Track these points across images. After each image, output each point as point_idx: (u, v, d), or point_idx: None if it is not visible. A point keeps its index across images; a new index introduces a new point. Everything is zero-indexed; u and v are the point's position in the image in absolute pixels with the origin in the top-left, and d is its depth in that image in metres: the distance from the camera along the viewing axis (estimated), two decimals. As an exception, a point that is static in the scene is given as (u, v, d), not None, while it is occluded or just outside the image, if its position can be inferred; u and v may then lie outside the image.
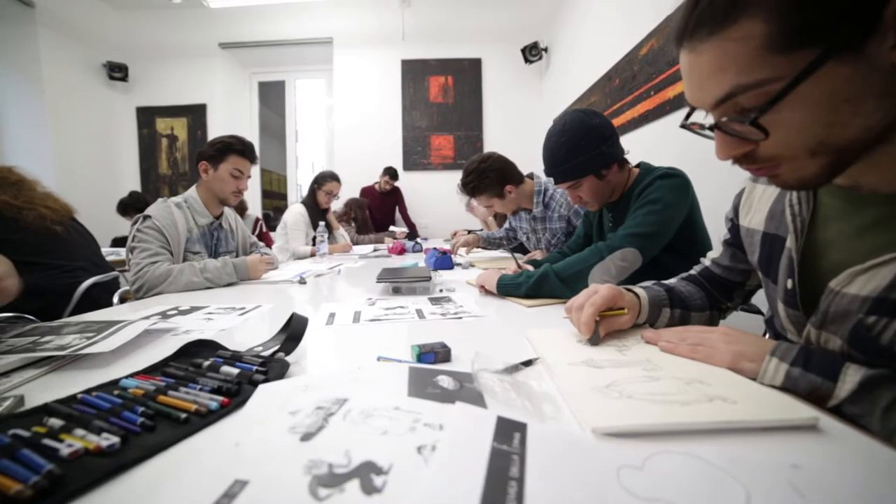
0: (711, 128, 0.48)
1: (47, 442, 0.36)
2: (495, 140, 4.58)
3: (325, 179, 2.77)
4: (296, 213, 2.63)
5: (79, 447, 0.35)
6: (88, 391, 0.49)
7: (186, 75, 4.61)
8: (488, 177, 1.66)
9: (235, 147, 1.57)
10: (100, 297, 2.03)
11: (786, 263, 0.58)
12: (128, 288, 1.66)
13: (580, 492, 0.30)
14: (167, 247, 1.43)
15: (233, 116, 4.83)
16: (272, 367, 0.54)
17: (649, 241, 1.03)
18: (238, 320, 0.87)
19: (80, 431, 0.38)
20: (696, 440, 0.38)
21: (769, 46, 0.40)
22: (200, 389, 0.48)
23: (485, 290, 1.09)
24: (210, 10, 4.33)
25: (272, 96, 5.32)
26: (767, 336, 0.77)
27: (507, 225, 2.13)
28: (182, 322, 0.86)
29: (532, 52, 4.23)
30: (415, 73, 4.53)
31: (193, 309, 0.99)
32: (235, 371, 0.52)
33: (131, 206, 3.16)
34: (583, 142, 1.10)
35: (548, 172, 1.20)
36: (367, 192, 4.15)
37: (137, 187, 4.60)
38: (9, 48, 3.69)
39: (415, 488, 0.29)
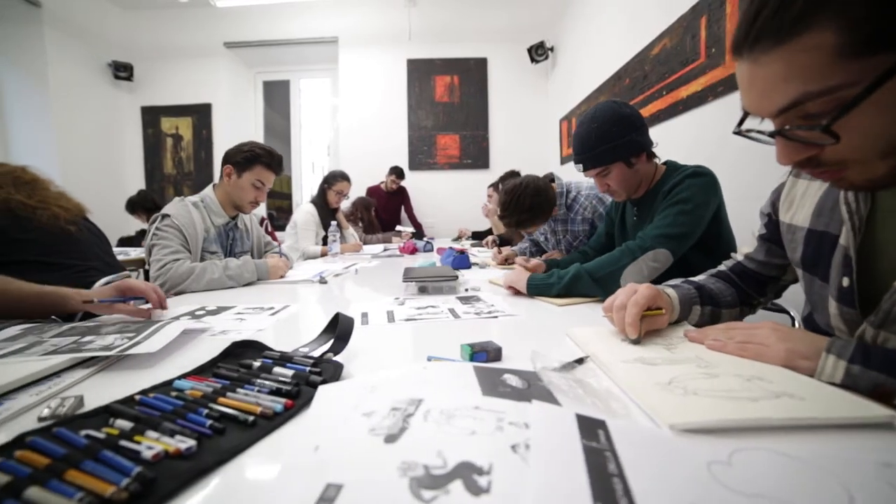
0: (772, 134, 0.47)
1: (125, 444, 0.35)
2: (501, 140, 4.57)
3: (336, 179, 2.76)
4: (306, 212, 2.62)
5: (159, 449, 0.34)
6: (144, 392, 0.48)
7: (191, 75, 4.60)
8: (532, 212, 1.63)
9: (264, 159, 1.55)
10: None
11: (840, 261, 0.57)
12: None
13: (681, 487, 0.30)
14: (186, 245, 1.42)
15: (238, 116, 4.82)
16: (326, 369, 0.53)
17: (680, 242, 1.04)
18: (271, 320, 0.87)
19: (152, 433, 0.37)
20: (774, 437, 0.38)
21: (841, 54, 0.39)
22: (258, 391, 0.47)
23: (514, 290, 1.09)
24: (215, 9, 4.32)
25: (276, 96, 5.31)
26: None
27: (524, 241, 2.12)
28: (214, 322, 0.86)
29: (538, 52, 4.23)
30: (420, 72, 4.52)
31: (221, 309, 0.99)
32: (289, 372, 0.51)
33: (139, 204, 3.15)
34: (613, 128, 1.11)
35: (577, 159, 1.20)
36: (373, 191, 4.14)
37: (142, 187, 4.58)
38: (15, 48, 3.68)
39: (523, 487, 0.29)
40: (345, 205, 3.55)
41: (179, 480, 0.31)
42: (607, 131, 1.12)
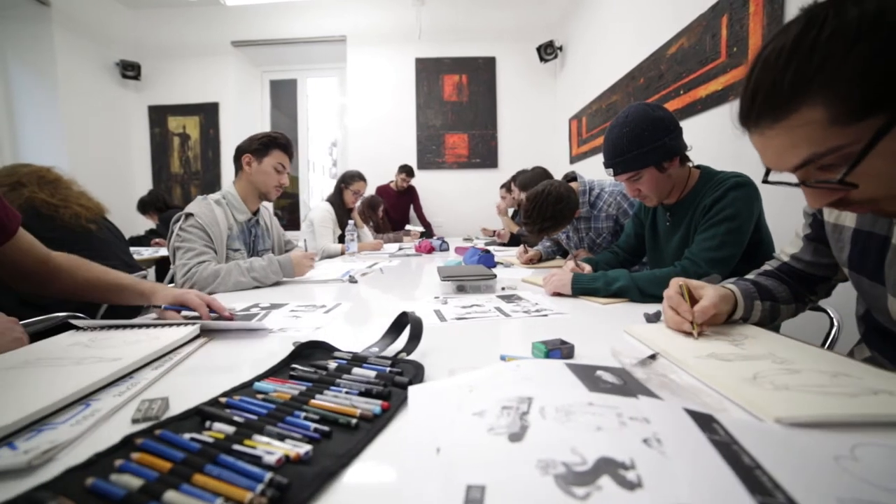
0: (797, 185, 0.52)
1: (239, 448, 0.35)
2: (510, 139, 4.56)
3: (353, 179, 2.76)
4: (323, 210, 2.61)
5: (281, 455, 0.33)
6: (228, 394, 0.47)
7: (199, 74, 4.58)
8: (566, 217, 1.62)
9: (280, 141, 1.57)
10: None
11: (894, 260, 0.58)
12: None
13: (821, 479, 0.31)
14: (211, 245, 1.41)
15: (245, 115, 4.80)
16: (406, 369, 0.52)
17: (731, 263, 1.04)
18: (326, 318, 0.87)
19: (260, 437, 0.37)
20: (886, 432, 0.39)
21: (834, 122, 0.44)
22: (347, 393, 0.46)
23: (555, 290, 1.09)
24: (223, 8, 4.32)
25: (283, 95, 5.29)
26: (863, 332, 0.77)
27: (545, 240, 2.11)
28: (271, 318, 0.87)
29: (547, 51, 4.22)
30: (429, 71, 4.51)
31: (275, 306, 1.00)
32: (371, 373, 0.51)
33: (151, 204, 3.14)
34: (645, 132, 1.09)
35: (608, 164, 1.18)
36: (382, 190, 4.13)
37: (149, 186, 4.56)
38: (26, 48, 3.67)
39: (675, 480, 0.29)
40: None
41: (312, 486, 0.31)
42: (639, 135, 1.09)
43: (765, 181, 0.56)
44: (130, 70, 4.35)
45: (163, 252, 3.07)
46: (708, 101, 2.10)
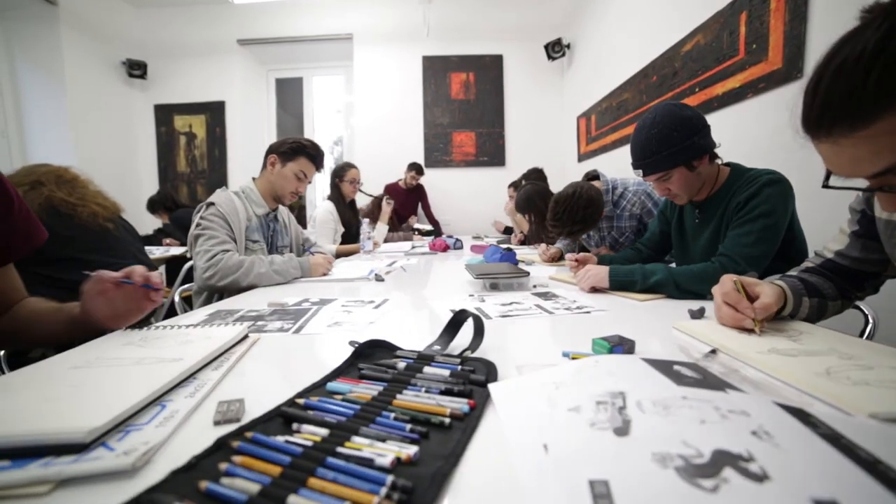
0: (871, 189, 0.52)
1: (344, 451, 0.34)
2: (517, 137, 4.56)
3: (344, 170, 2.74)
4: (325, 210, 2.60)
5: (393, 457, 0.33)
6: (302, 395, 0.47)
7: (205, 72, 4.56)
8: (594, 220, 1.61)
9: (308, 150, 1.58)
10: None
11: None
12: (187, 286, 1.64)
13: None
14: (231, 234, 1.41)
15: (251, 114, 4.78)
16: (476, 367, 0.52)
17: (766, 260, 1.03)
18: (376, 314, 0.87)
19: (359, 439, 0.36)
20: None
21: None
22: (426, 391, 0.46)
23: (591, 287, 1.08)
24: (228, 6, 4.30)
25: (288, 94, 5.27)
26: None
27: (565, 240, 2.10)
28: (325, 312, 0.89)
29: (555, 49, 4.21)
30: (436, 69, 4.50)
31: (324, 301, 1.01)
32: (445, 372, 0.50)
33: (160, 203, 3.13)
34: (675, 132, 1.09)
35: (636, 164, 1.18)
36: (391, 188, 4.12)
37: (155, 185, 4.56)
38: (32, 46, 3.65)
39: (800, 473, 0.29)
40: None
41: (434, 488, 0.30)
42: (668, 135, 1.09)
43: (825, 186, 0.56)
44: (137, 69, 4.34)
45: (174, 251, 3.06)
46: (725, 99, 2.09)
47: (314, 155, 1.59)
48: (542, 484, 0.30)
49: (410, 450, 0.34)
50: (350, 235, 2.72)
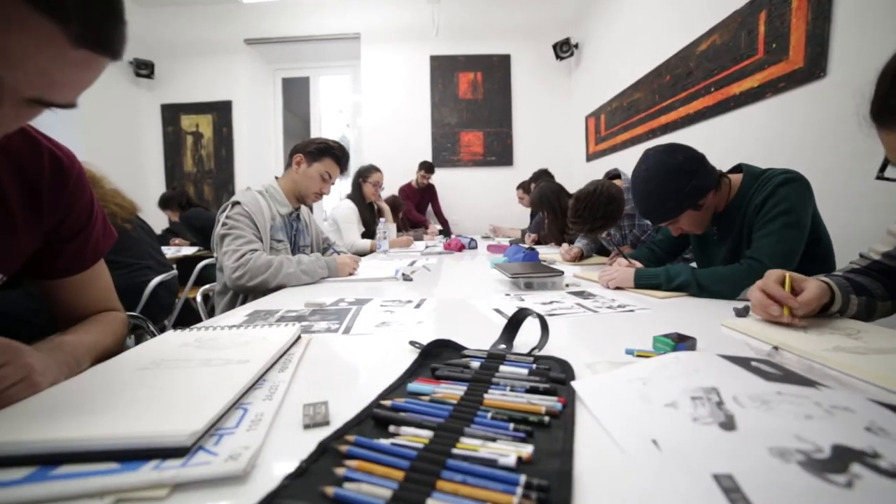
0: None
1: (461, 452, 0.34)
2: (525, 137, 4.56)
3: (370, 171, 2.74)
4: (347, 208, 2.60)
5: (515, 456, 0.32)
6: (384, 396, 0.46)
7: (212, 72, 4.55)
8: (615, 217, 1.61)
9: (335, 151, 1.58)
10: (163, 296, 2.00)
11: None
12: (209, 286, 1.63)
13: None
14: (258, 234, 1.41)
15: (257, 113, 4.78)
16: (552, 366, 0.51)
17: (794, 257, 1.02)
18: (419, 313, 0.87)
19: (467, 440, 0.36)
20: None
21: None
22: (511, 390, 0.45)
23: (615, 286, 1.10)
24: (236, 5, 4.30)
25: (294, 93, 5.27)
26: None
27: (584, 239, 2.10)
28: (368, 312, 0.88)
29: (563, 49, 4.21)
30: (443, 69, 4.50)
31: (360, 301, 1.00)
32: (521, 371, 0.50)
33: (173, 200, 3.13)
34: (669, 183, 1.09)
35: (643, 216, 1.20)
36: (405, 189, 4.12)
37: (162, 185, 4.55)
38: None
39: None
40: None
41: (565, 486, 0.30)
42: (666, 189, 1.09)
43: (879, 177, 0.57)
44: (144, 68, 4.33)
45: (185, 251, 3.05)
46: (742, 99, 2.09)
47: (340, 156, 1.59)
48: (663, 479, 0.30)
49: (526, 448, 0.33)
50: (367, 235, 2.73)
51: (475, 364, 0.52)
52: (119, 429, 0.36)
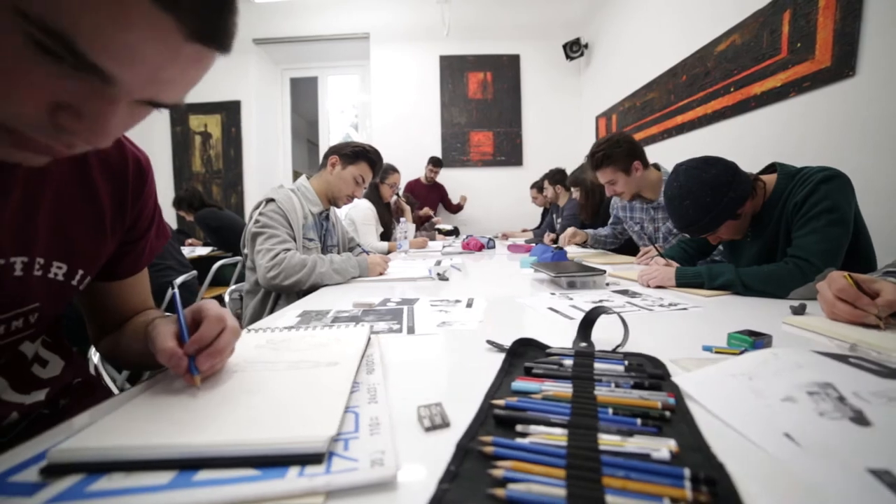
0: None
1: (609, 447, 0.34)
2: (535, 137, 4.56)
3: (388, 173, 2.74)
4: (365, 208, 2.60)
5: (667, 451, 0.32)
6: (490, 395, 0.46)
7: (220, 72, 4.49)
8: (621, 147, 1.63)
9: (371, 156, 1.60)
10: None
11: None
12: (237, 286, 1.63)
13: None
14: (291, 233, 1.41)
15: (266, 113, 4.77)
16: (643, 362, 0.52)
17: (839, 255, 1.01)
18: (474, 313, 0.86)
19: (606, 436, 0.36)
20: None
21: None
22: (616, 386, 0.46)
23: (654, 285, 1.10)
24: (246, 4, 4.28)
25: (302, 93, 5.26)
26: None
27: (612, 221, 2.11)
28: (422, 313, 0.88)
29: (573, 49, 4.21)
30: (453, 69, 4.50)
31: (406, 301, 1.00)
32: (618, 367, 0.50)
33: (185, 200, 3.13)
34: (707, 198, 1.09)
35: (681, 230, 1.20)
36: (412, 185, 4.13)
37: (170, 185, 4.55)
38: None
39: None
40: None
41: (725, 480, 0.30)
42: (702, 204, 1.09)
43: None
44: (153, 68, 4.31)
45: (199, 252, 3.05)
46: (763, 99, 2.09)
47: (375, 161, 1.60)
48: (816, 474, 0.30)
49: (670, 442, 0.33)
50: (385, 236, 2.73)
51: (567, 362, 0.52)
52: (253, 435, 0.36)
